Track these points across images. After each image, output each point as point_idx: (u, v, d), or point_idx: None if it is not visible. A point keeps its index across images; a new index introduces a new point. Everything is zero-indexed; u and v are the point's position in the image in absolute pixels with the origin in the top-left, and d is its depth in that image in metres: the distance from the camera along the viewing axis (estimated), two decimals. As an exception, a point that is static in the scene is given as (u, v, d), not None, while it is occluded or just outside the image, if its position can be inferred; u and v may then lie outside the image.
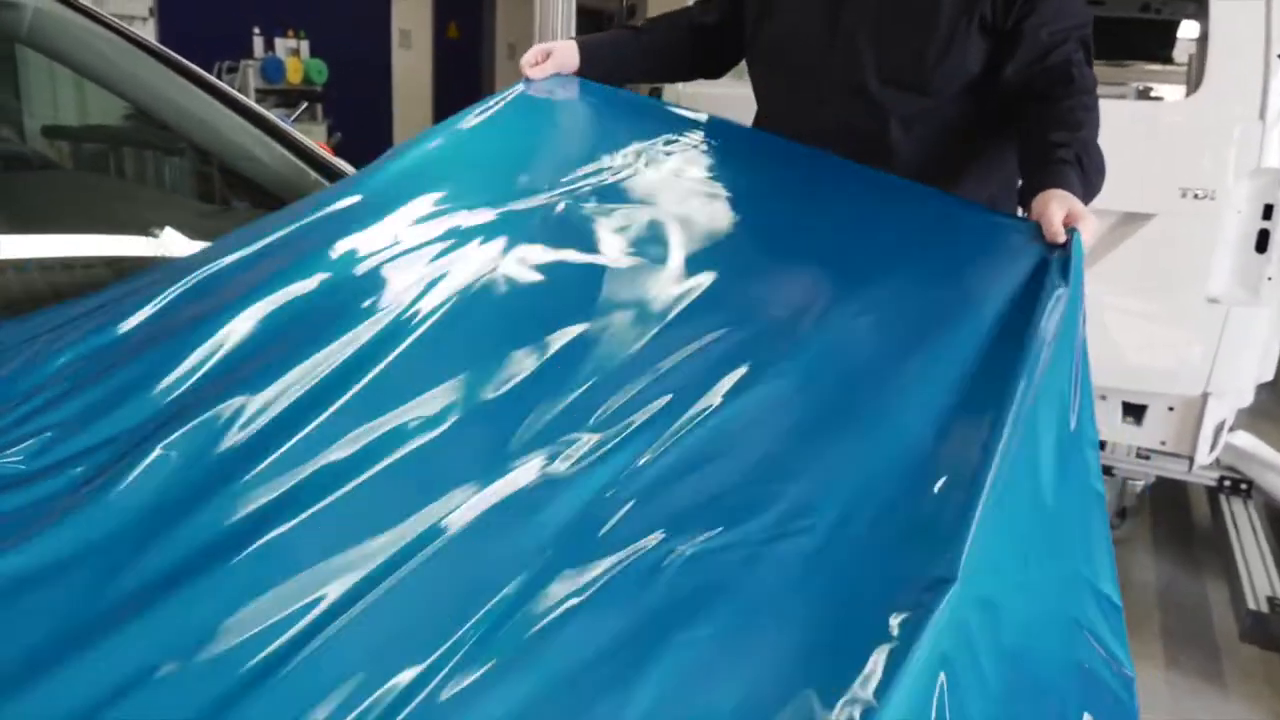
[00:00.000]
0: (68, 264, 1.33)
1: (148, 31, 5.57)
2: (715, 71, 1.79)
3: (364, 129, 7.14)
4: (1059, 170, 1.28)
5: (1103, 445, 2.73)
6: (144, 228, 1.45)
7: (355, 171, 1.76)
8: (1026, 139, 1.41)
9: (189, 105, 1.75)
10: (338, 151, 5.74)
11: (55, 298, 1.05)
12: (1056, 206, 1.20)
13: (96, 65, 1.83)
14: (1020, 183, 1.38)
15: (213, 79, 1.77)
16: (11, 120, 2.52)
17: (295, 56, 6.24)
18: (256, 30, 6.15)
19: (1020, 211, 1.43)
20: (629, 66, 1.71)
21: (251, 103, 1.82)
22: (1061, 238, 1.17)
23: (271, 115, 1.81)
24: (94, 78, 1.88)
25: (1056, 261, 1.12)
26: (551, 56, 1.54)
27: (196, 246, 1.38)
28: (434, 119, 8.15)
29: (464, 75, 8.26)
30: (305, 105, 5.24)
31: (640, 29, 1.70)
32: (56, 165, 1.98)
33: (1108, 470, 2.77)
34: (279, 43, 6.25)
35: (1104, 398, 2.53)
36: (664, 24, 1.72)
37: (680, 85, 2.73)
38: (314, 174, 1.73)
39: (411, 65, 7.90)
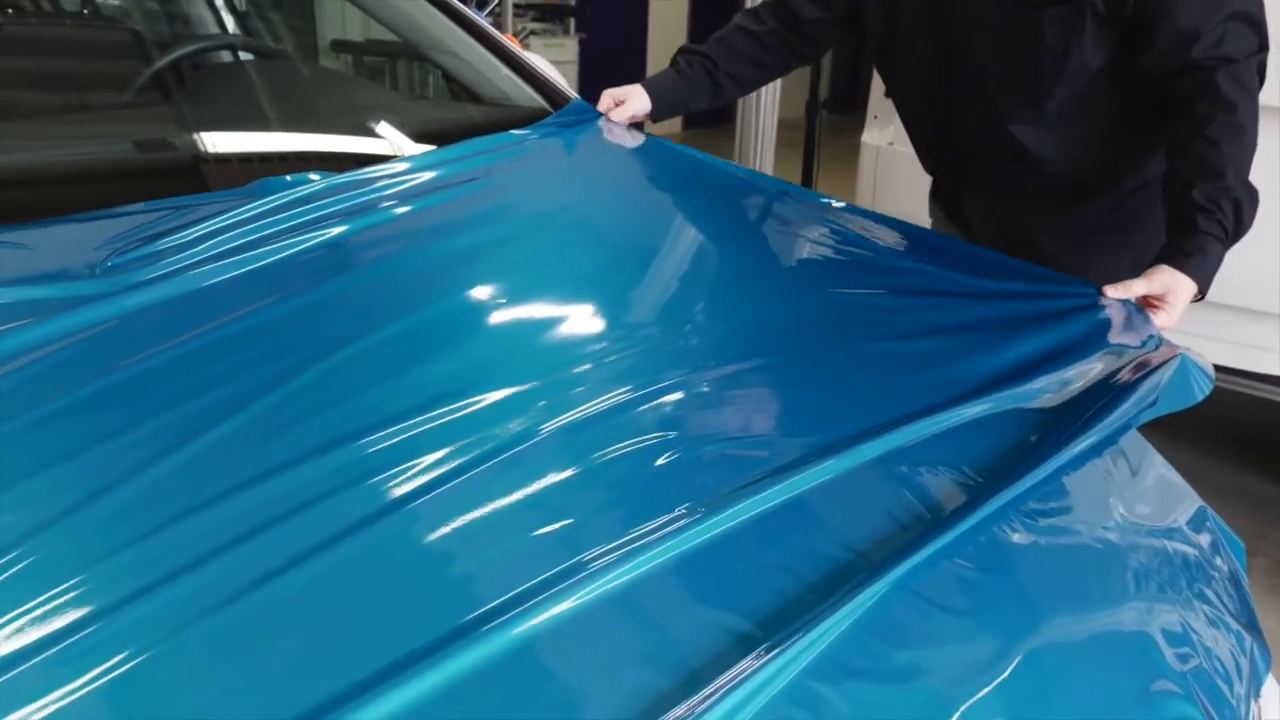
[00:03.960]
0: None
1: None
2: (815, 58, 1.75)
3: (618, 41, 7.25)
4: (1200, 244, 1.23)
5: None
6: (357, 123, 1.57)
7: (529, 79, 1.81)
8: (1169, 180, 1.29)
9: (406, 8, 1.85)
10: (581, 61, 5.84)
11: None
12: (1176, 302, 1.21)
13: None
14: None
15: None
16: (307, 33, 2.80)
17: (552, -31, 6.42)
18: (519, -55, 6.36)
19: None
20: (704, 96, 1.65)
21: (458, 4, 1.88)
22: (1170, 321, 1.20)
23: (473, 14, 1.87)
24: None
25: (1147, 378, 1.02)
26: (625, 104, 1.60)
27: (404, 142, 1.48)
28: (689, 31, 8.12)
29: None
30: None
31: (713, 55, 1.62)
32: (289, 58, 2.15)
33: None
34: (538, -44, 6.44)
35: None
36: (744, 34, 1.62)
37: None
38: (505, 69, 1.79)
39: (669, -24, 7.87)
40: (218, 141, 1.40)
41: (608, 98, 1.65)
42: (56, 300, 0.82)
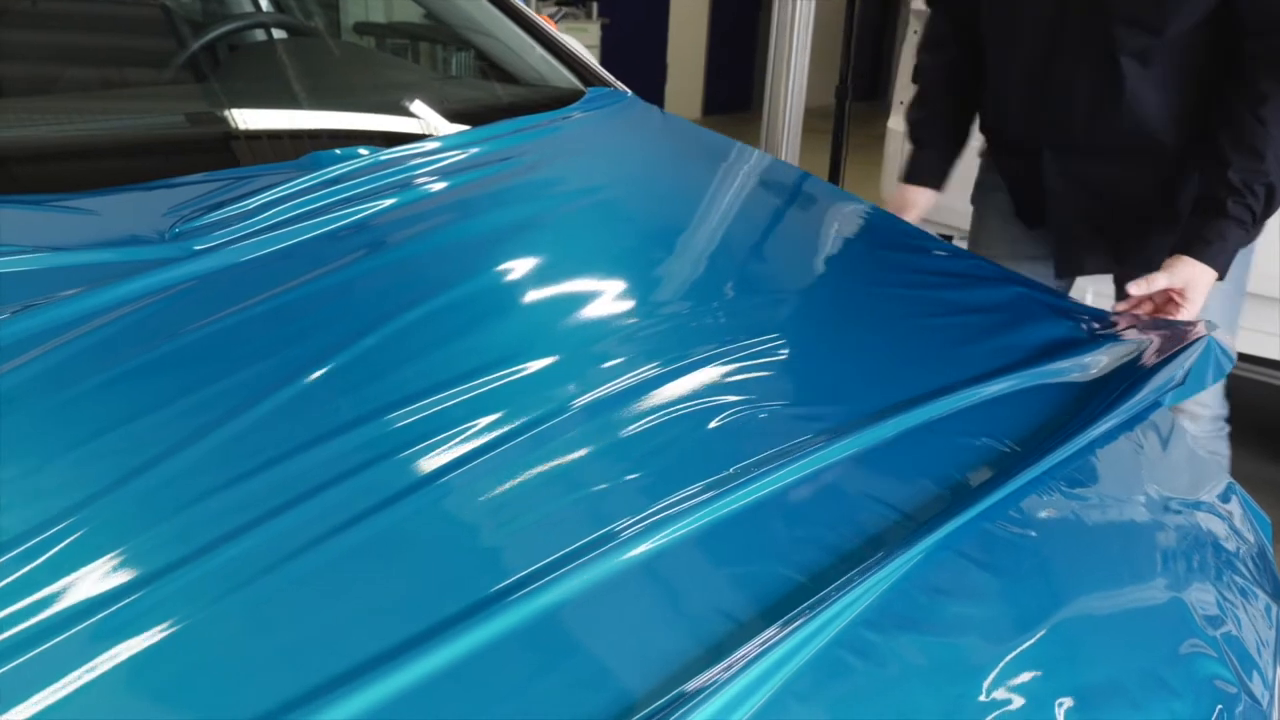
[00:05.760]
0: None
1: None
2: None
3: (639, 25, 7.24)
4: (1223, 231, 1.25)
5: None
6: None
7: (577, 51, 1.84)
8: (1210, 146, 1.28)
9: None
10: (604, 45, 5.86)
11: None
12: (1197, 296, 1.25)
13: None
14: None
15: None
16: (332, 14, 2.83)
17: (575, -47, 6.42)
18: (543, -72, 6.36)
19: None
20: (955, 143, 1.66)
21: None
22: (1192, 314, 1.24)
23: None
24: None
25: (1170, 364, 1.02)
26: (911, 208, 1.61)
27: (437, 120, 1.51)
28: (710, 16, 8.10)
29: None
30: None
31: (934, 111, 1.64)
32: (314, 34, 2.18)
33: None
34: (560, -60, 6.44)
35: None
36: (937, 71, 1.64)
37: None
38: (539, 49, 1.81)
39: (690, -39, 7.84)
40: (264, 118, 1.43)
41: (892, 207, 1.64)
42: (133, 263, 0.86)
